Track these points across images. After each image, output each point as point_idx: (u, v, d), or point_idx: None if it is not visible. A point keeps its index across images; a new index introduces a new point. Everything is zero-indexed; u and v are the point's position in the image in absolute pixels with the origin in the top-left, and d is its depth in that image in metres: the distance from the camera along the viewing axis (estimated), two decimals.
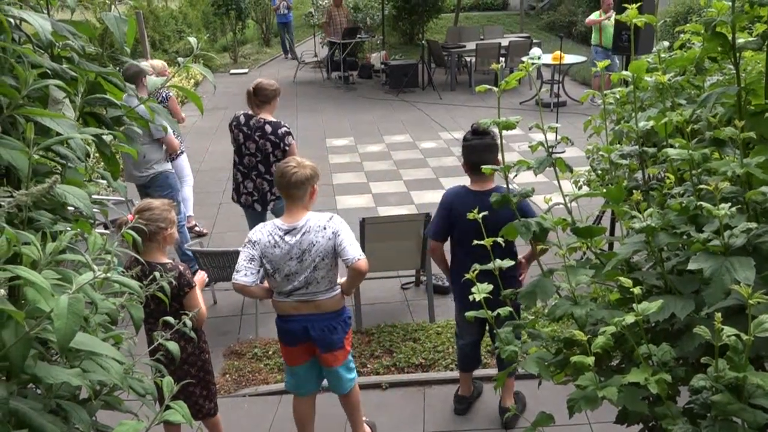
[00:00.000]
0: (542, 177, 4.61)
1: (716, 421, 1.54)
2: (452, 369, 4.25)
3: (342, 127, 10.44)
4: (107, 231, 5.24)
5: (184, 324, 1.90)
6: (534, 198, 2.31)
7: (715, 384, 1.50)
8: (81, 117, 1.64)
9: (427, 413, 3.94)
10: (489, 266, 2.11)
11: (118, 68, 1.75)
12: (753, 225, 1.62)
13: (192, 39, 1.75)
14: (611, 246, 3.84)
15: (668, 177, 2.10)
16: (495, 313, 2.03)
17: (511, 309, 2.08)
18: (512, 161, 2.07)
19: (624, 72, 2.17)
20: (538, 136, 2.11)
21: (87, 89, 1.64)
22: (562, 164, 2.07)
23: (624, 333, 1.64)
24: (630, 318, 1.59)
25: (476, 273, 2.02)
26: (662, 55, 2.14)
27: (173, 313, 2.29)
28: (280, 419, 3.90)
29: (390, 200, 7.38)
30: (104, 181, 1.69)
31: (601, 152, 2.32)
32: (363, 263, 3.08)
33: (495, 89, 2.01)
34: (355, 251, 3.09)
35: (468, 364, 3.90)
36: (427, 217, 4.66)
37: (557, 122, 2.34)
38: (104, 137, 1.63)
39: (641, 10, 2.11)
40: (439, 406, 3.99)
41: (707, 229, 1.70)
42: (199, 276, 3.36)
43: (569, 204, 2.09)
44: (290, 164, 3.17)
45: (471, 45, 12.56)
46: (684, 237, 1.78)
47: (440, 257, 3.70)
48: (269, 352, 4.58)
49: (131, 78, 4.59)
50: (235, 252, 3.54)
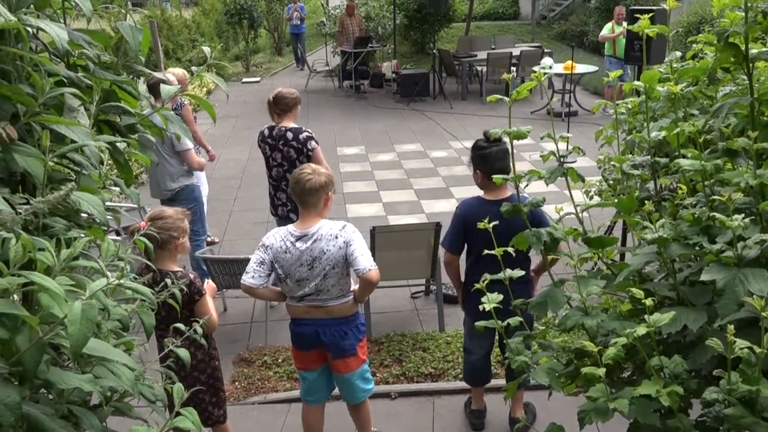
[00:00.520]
0: (553, 187, 4.59)
1: None
2: (461, 379, 4.22)
3: (353, 136, 10.47)
4: (119, 237, 5.26)
5: (195, 331, 1.91)
6: (545, 208, 2.30)
7: (728, 397, 1.49)
8: (95, 125, 1.65)
9: (437, 423, 3.93)
10: (500, 276, 2.10)
11: (132, 77, 1.77)
12: (766, 236, 1.61)
13: (206, 48, 1.76)
14: (623, 257, 3.81)
15: (680, 187, 2.09)
16: (506, 323, 2.02)
17: (522, 319, 2.07)
18: (523, 171, 2.06)
19: (636, 82, 2.17)
20: (550, 146, 2.10)
21: (102, 97, 1.65)
22: (574, 174, 2.06)
23: (635, 344, 1.63)
24: (641, 329, 1.58)
25: (486, 283, 2.02)
26: (675, 65, 2.14)
27: (184, 321, 2.30)
28: (289, 427, 3.89)
29: (400, 209, 7.38)
30: (117, 188, 1.70)
31: (613, 162, 2.31)
32: (374, 273, 3.07)
33: (506, 99, 2.01)
34: (367, 261, 3.08)
35: (480, 378, 3.85)
36: (438, 227, 4.65)
37: (569, 132, 2.33)
38: (118, 145, 1.65)
39: (653, 20, 2.11)
40: (449, 416, 3.97)
41: (720, 241, 1.69)
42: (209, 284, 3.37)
43: (581, 214, 2.08)
44: (305, 171, 3.18)
45: (482, 54, 12.61)
46: (696, 248, 1.77)
47: (455, 272, 3.62)
48: (279, 360, 4.58)
49: (152, 88, 4.60)
50: (246, 260, 3.54)
